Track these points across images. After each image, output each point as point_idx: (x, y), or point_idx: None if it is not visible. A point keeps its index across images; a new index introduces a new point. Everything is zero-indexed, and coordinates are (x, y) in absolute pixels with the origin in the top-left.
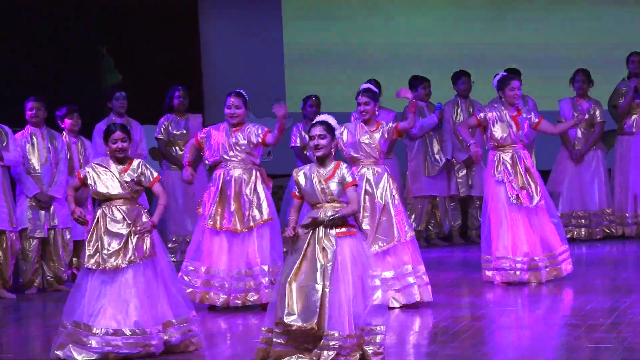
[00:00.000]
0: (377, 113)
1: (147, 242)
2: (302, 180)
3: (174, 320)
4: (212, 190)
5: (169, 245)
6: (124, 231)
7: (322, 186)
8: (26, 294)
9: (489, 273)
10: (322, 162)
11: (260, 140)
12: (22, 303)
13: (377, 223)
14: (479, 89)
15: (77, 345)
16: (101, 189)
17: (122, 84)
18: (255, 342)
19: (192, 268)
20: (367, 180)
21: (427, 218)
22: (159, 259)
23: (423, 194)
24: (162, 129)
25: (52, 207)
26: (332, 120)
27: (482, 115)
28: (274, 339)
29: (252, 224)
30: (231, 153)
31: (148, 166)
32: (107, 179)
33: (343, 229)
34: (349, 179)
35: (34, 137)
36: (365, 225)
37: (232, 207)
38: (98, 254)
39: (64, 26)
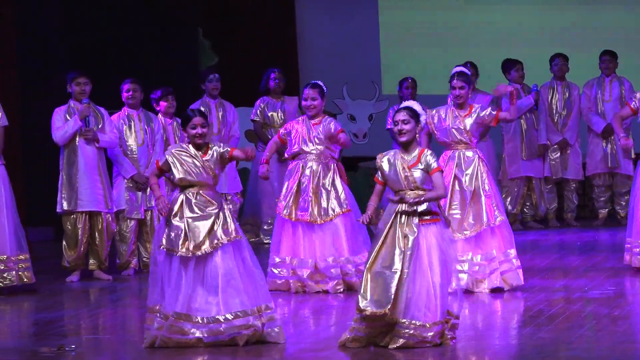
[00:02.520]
0: (470, 96)
1: (232, 225)
2: (385, 166)
3: (255, 309)
4: (289, 182)
5: (265, 227)
6: (209, 215)
7: (405, 173)
8: (122, 275)
9: (627, 256)
10: (406, 147)
11: (335, 133)
12: (118, 284)
13: (467, 208)
14: (576, 71)
15: (179, 335)
16: (184, 175)
17: (218, 66)
18: (335, 327)
19: (279, 260)
20: (457, 165)
21: (523, 201)
22: (243, 243)
23: (519, 176)
24: (258, 111)
25: (148, 189)
26: (416, 106)
27: (635, 103)
28: (354, 325)
29: (331, 215)
30: (310, 145)
31: (221, 143)
32: (188, 165)
33: (427, 217)
34: (433, 165)
35: (130, 119)
36: (456, 210)
37: (310, 199)
38: (185, 240)
39: (161, 9)
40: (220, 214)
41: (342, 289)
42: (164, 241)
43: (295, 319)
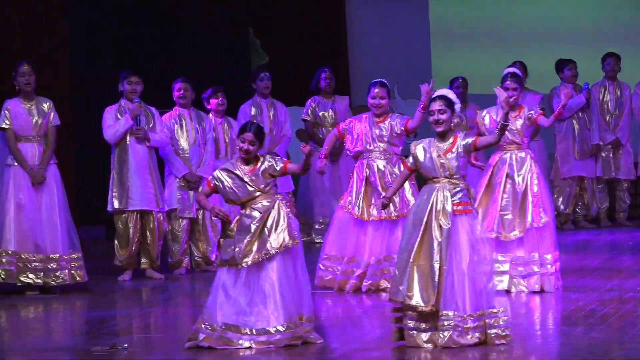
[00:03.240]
0: (522, 97)
1: (285, 232)
2: (420, 154)
3: (298, 317)
4: (356, 181)
5: (316, 227)
6: (258, 226)
7: (441, 160)
8: (174, 274)
9: None
10: (442, 136)
11: (403, 129)
12: (170, 283)
13: (516, 209)
14: (628, 70)
15: (227, 346)
16: (232, 197)
17: (268, 65)
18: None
19: (331, 256)
20: (509, 165)
21: (575, 200)
22: (297, 249)
23: (572, 176)
24: (309, 110)
25: (200, 187)
26: (451, 95)
27: None
28: (404, 320)
29: (395, 214)
30: (374, 144)
31: (273, 157)
32: (236, 185)
33: (460, 207)
34: (469, 140)
35: (182, 118)
36: (506, 212)
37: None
38: (233, 251)
39: (212, 7)
40: (272, 222)
41: (375, 289)
42: (217, 259)
43: (345, 318)
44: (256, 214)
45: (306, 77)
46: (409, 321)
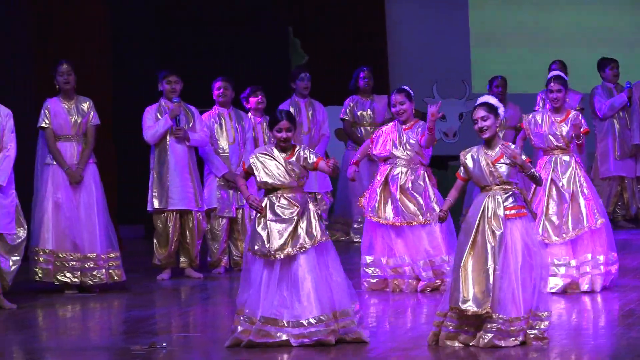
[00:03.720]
0: (567, 100)
1: (317, 228)
2: (469, 162)
3: (332, 314)
4: (375, 185)
5: (355, 226)
6: (292, 219)
7: (490, 169)
8: (213, 273)
9: None
10: (489, 143)
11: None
12: (209, 282)
13: (566, 212)
14: None
15: (266, 339)
16: (267, 178)
17: (308, 64)
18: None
19: (371, 259)
20: (554, 170)
21: (615, 200)
22: (328, 246)
23: (611, 175)
24: (347, 109)
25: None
26: (493, 100)
27: None
28: (445, 322)
29: (421, 219)
30: (401, 150)
31: (310, 150)
32: (272, 168)
33: (513, 211)
34: (515, 159)
35: (221, 117)
36: (553, 215)
37: (399, 203)
38: (267, 243)
39: (252, 7)
40: (305, 216)
41: (431, 289)
42: (249, 244)
43: (385, 318)
44: (289, 204)
45: (345, 77)
46: (449, 323)
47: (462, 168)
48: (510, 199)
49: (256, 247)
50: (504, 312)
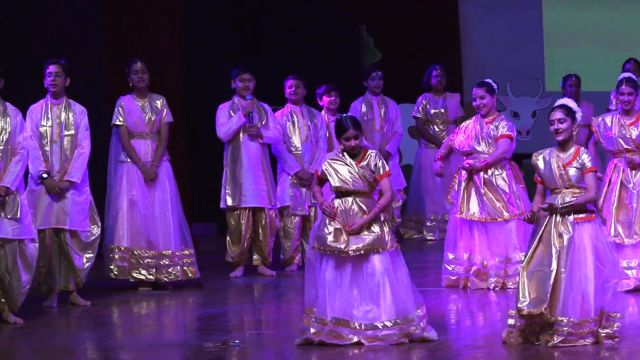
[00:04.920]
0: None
1: (387, 235)
2: (541, 164)
3: (406, 318)
4: (461, 181)
5: (427, 224)
6: (367, 219)
7: (560, 171)
8: (286, 270)
9: None
10: (562, 146)
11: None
12: (282, 280)
13: (636, 213)
14: None
15: (337, 340)
16: (340, 183)
17: (380, 62)
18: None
19: (454, 257)
20: (624, 171)
21: None
22: (395, 253)
23: None
24: (420, 107)
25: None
26: (571, 104)
27: None
28: (515, 322)
29: (505, 216)
30: (482, 145)
31: (381, 158)
32: (345, 173)
33: (581, 215)
34: (588, 164)
35: (294, 115)
36: (624, 217)
37: (484, 198)
38: (337, 242)
39: (325, 5)
40: (376, 222)
41: (508, 287)
42: (315, 242)
43: (461, 315)
44: (360, 209)
45: (418, 74)
46: (518, 322)
47: (536, 171)
48: None
49: (326, 244)
50: (573, 315)
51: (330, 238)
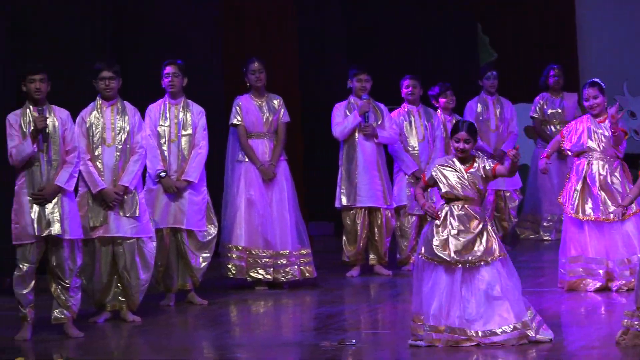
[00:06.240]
0: None
1: (495, 244)
2: None
3: (521, 322)
4: (573, 181)
5: (544, 224)
6: (472, 232)
7: None
8: (402, 270)
9: None
10: None
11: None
12: (398, 280)
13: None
14: None
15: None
16: (448, 189)
17: (497, 62)
18: (616, 325)
19: (569, 259)
20: None
21: None
22: (505, 260)
23: None
24: (537, 107)
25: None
26: None
27: None
28: (632, 322)
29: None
30: (594, 143)
31: (484, 158)
32: (454, 179)
33: None
34: None
35: (411, 115)
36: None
37: (599, 197)
38: (446, 250)
39: (441, 4)
40: (484, 231)
41: (627, 288)
42: (423, 249)
43: (577, 316)
44: (469, 216)
45: (534, 74)
46: (635, 322)
47: None
48: None
49: (434, 253)
50: None
51: (437, 247)
